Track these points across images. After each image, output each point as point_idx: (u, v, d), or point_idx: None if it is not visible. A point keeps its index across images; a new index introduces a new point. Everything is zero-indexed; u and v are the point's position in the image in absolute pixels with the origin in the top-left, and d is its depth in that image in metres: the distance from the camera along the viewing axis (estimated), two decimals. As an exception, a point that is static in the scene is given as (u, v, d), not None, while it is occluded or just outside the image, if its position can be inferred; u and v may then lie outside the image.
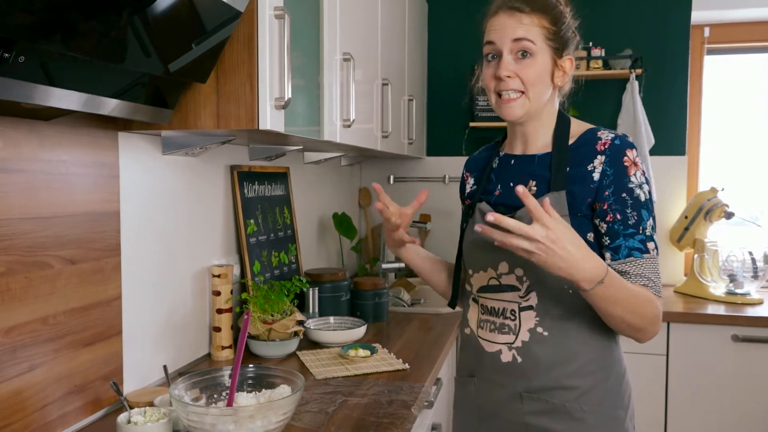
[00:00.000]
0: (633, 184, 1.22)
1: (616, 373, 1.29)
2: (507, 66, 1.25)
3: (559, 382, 1.25)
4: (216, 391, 1.36)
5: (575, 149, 1.27)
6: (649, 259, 1.21)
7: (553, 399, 1.25)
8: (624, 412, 1.28)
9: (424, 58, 3.21)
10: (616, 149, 1.23)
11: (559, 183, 1.26)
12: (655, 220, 1.24)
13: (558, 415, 1.25)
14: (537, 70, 1.25)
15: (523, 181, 1.32)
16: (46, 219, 1.26)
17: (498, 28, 1.27)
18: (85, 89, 1.12)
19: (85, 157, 1.36)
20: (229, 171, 1.99)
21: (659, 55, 3.03)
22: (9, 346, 1.18)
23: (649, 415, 2.62)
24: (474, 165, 1.47)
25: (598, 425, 1.25)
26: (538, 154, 1.32)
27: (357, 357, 1.83)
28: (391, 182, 3.35)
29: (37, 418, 1.25)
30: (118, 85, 1.19)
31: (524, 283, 1.27)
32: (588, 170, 1.24)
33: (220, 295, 1.82)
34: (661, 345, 2.59)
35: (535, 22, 1.25)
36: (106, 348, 1.45)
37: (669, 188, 3.07)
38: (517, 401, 1.28)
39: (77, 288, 1.35)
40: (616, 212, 1.22)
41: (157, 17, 1.12)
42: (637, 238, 1.21)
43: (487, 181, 1.39)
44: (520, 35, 1.24)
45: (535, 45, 1.24)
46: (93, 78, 1.12)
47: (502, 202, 1.34)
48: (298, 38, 1.58)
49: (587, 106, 3.10)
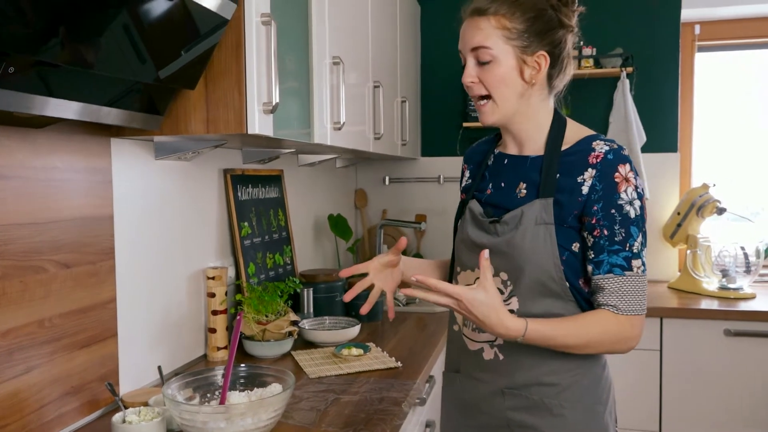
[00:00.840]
0: (623, 201, 1.20)
1: (595, 370, 1.30)
2: (469, 73, 1.27)
3: (538, 379, 1.27)
4: (209, 391, 1.39)
5: (567, 156, 1.25)
6: (632, 276, 1.21)
7: (533, 395, 1.27)
8: (603, 407, 1.29)
9: (417, 59, 3.24)
10: (608, 164, 1.20)
11: (547, 190, 1.24)
12: (645, 237, 1.23)
13: (538, 410, 1.27)
14: (498, 73, 1.24)
15: (514, 182, 1.32)
16: (40, 224, 1.29)
17: (461, 36, 1.29)
18: (76, 98, 1.15)
19: (78, 163, 1.40)
20: (222, 174, 2.02)
21: (650, 53, 3.06)
22: (5, 348, 1.21)
23: (644, 409, 2.64)
24: (472, 158, 1.47)
25: (577, 420, 1.27)
26: (531, 156, 1.31)
27: (350, 356, 1.86)
28: (386, 183, 3.38)
29: (35, 419, 1.28)
30: (109, 93, 1.22)
31: (508, 287, 1.28)
32: (578, 182, 1.22)
33: (214, 296, 1.85)
34: (655, 340, 2.62)
35: (493, 24, 1.23)
36: (102, 350, 1.48)
37: (661, 185, 3.10)
38: (498, 397, 1.31)
39: (72, 291, 1.38)
40: (603, 228, 1.21)
41: (147, 26, 1.15)
42: (621, 255, 1.20)
43: (481, 178, 1.39)
44: (475, 44, 1.24)
45: (492, 50, 1.23)
46: (85, 87, 1.15)
47: (492, 201, 1.34)
48: (286, 43, 1.61)
49: (579, 104, 3.14)
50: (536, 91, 1.28)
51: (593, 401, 1.28)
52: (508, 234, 1.26)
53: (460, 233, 1.39)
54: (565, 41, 1.28)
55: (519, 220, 1.25)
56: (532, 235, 1.23)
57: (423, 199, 3.37)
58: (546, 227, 1.23)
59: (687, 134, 3.22)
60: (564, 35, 1.27)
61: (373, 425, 1.38)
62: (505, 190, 1.32)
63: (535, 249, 1.23)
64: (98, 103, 1.21)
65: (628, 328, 1.21)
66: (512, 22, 1.23)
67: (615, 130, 3.03)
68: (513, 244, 1.24)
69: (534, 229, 1.23)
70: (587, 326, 1.21)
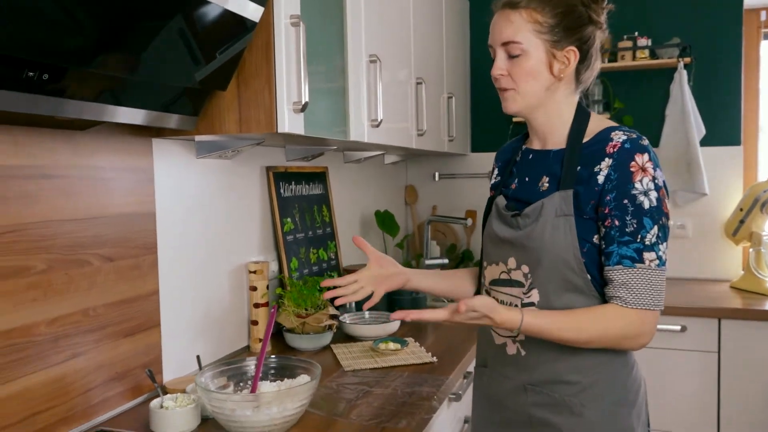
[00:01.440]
0: (637, 191, 1.18)
1: (621, 369, 1.27)
2: (499, 66, 1.28)
3: (560, 377, 1.26)
4: (242, 380, 1.45)
5: (588, 147, 1.25)
6: (642, 269, 1.18)
7: (553, 393, 1.26)
8: (628, 409, 1.26)
9: (466, 55, 3.23)
10: (625, 153, 1.20)
11: (567, 182, 1.24)
12: (663, 231, 1.19)
13: (558, 408, 1.26)
14: (526, 67, 1.25)
15: (538, 176, 1.32)
16: (84, 220, 1.38)
17: (492, 29, 1.30)
18: (115, 102, 1.23)
19: (120, 163, 1.48)
20: (265, 172, 2.09)
21: (710, 43, 2.93)
22: (52, 335, 1.31)
23: (701, 414, 2.54)
24: (501, 157, 1.48)
25: (597, 420, 1.24)
26: (553, 150, 1.31)
27: (387, 350, 1.88)
28: (436, 179, 3.38)
29: (81, 402, 1.37)
30: (147, 96, 1.29)
31: (528, 279, 1.28)
32: (594, 171, 1.22)
33: (256, 290, 1.91)
34: (713, 342, 2.51)
35: (524, 17, 1.24)
36: (146, 339, 1.56)
37: (723, 180, 2.96)
38: (521, 393, 1.30)
39: (116, 283, 1.47)
40: (614, 218, 1.19)
41: (186, 32, 1.22)
42: (632, 247, 1.18)
43: (509, 174, 1.41)
44: (506, 38, 1.25)
45: (522, 44, 1.24)
46: (123, 91, 1.23)
47: (516, 196, 1.35)
48: (320, 43, 1.65)
49: (635, 96, 3.05)
50: (563, 86, 1.29)
51: (616, 402, 1.25)
52: (528, 227, 1.26)
53: (486, 228, 1.40)
54: (594, 37, 1.28)
55: (539, 212, 1.25)
56: (552, 227, 1.23)
57: (473, 195, 3.35)
58: (566, 219, 1.22)
59: (752, 126, 3.06)
60: (593, 31, 1.28)
61: (400, 418, 1.40)
62: (528, 184, 1.33)
63: (555, 241, 1.22)
64: (137, 107, 1.28)
65: (638, 323, 1.18)
66: (543, 16, 1.24)
67: (672, 123, 2.92)
68: (533, 237, 1.24)
69: (554, 221, 1.23)
70: (590, 321, 1.19)
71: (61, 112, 1.11)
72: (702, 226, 3.01)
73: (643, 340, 1.21)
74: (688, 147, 2.88)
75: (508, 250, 1.32)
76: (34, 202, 1.27)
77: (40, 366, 1.28)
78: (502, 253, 1.34)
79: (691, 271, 3.02)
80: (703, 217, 3.00)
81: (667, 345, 2.55)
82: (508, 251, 1.32)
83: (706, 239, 3.01)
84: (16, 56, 0.96)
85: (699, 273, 3.02)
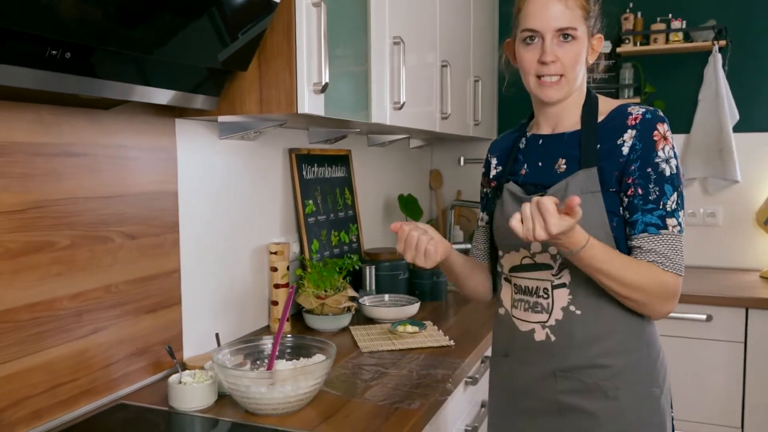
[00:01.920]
0: (660, 159, 1.21)
1: (651, 352, 1.27)
2: (552, 51, 1.24)
3: (592, 361, 1.25)
4: (259, 358, 1.47)
5: (604, 125, 1.27)
6: (667, 235, 1.20)
7: (586, 378, 1.25)
8: (659, 390, 1.26)
9: (494, 36, 3.18)
10: (647, 123, 1.22)
11: (589, 160, 1.25)
12: (681, 198, 1.22)
13: (591, 393, 1.25)
14: (578, 53, 1.25)
15: (552, 160, 1.31)
16: (107, 198, 1.41)
17: (542, 12, 1.24)
18: (138, 81, 1.24)
19: (143, 142, 1.50)
20: (287, 154, 2.10)
21: (746, 26, 2.84)
22: (75, 310, 1.34)
23: (726, 405, 2.50)
24: (497, 147, 1.48)
25: (632, 403, 1.24)
26: (567, 132, 1.31)
27: (405, 332, 1.89)
28: (461, 164, 3.35)
29: (102, 375, 1.41)
30: (169, 76, 1.31)
31: (557, 261, 1.27)
32: (617, 144, 1.24)
33: (277, 271, 1.93)
34: (740, 332, 2.46)
35: (577, 3, 1.24)
36: (167, 316, 1.59)
37: (757, 167, 2.88)
38: (550, 380, 1.29)
39: (138, 260, 1.50)
40: (638, 186, 1.21)
41: (211, 12, 1.23)
42: (656, 214, 1.20)
43: (514, 161, 1.39)
44: (563, 24, 1.23)
45: (577, 30, 1.24)
46: (146, 71, 1.24)
47: (530, 181, 1.34)
48: (343, 24, 1.64)
49: (666, 81, 2.98)
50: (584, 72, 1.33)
51: (649, 384, 1.25)
52: None
53: (499, 217, 1.38)
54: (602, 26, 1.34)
55: (564, 191, 1.25)
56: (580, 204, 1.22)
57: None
58: (593, 195, 1.23)
59: (789, 112, 2.96)
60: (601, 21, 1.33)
61: (413, 399, 1.40)
62: (543, 168, 1.32)
63: (585, 217, 1.21)
64: (160, 86, 1.30)
65: (674, 287, 1.20)
66: (587, 3, 1.26)
67: (705, 108, 2.85)
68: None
69: (582, 199, 1.21)
70: (638, 267, 1.19)
71: (86, 91, 1.13)
72: (733, 215, 2.94)
73: (672, 306, 1.22)
74: (720, 133, 2.81)
75: None
76: (59, 179, 1.29)
77: (63, 339, 1.31)
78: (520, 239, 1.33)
79: (720, 260, 2.96)
80: (734, 205, 2.93)
81: (693, 334, 2.51)
82: None
83: (736, 228, 2.94)
84: (39, 34, 0.98)
85: (728, 262, 2.96)
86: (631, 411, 1.24)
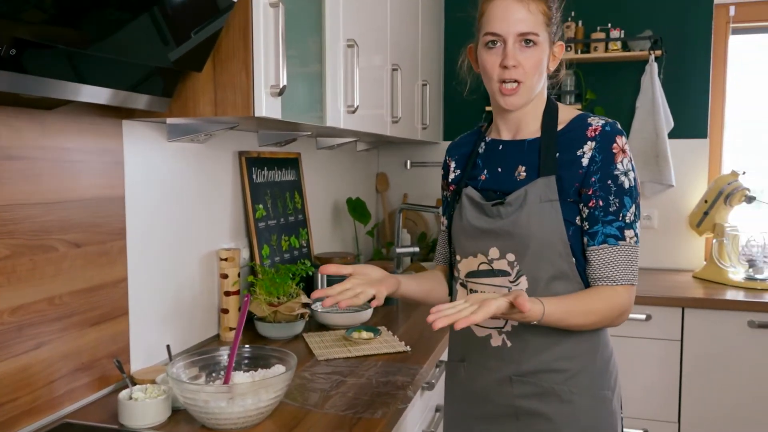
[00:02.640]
0: (619, 171, 1.23)
1: (603, 355, 1.30)
2: (514, 55, 1.23)
3: (547, 365, 1.27)
4: (214, 370, 1.42)
5: (564, 134, 1.28)
6: (625, 246, 1.23)
7: (541, 382, 1.27)
8: (611, 393, 1.29)
9: (440, 42, 3.21)
10: (607, 135, 1.24)
11: (548, 168, 1.26)
12: (638, 209, 1.26)
13: (547, 397, 1.27)
14: (538, 59, 1.25)
15: (512, 166, 1.32)
16: (50, 204, 1.32)
17: (503, 15, 1.23)
18: (87, 81, 1.17)
19: (89, 145, 1.42)
20: (237, 157, 2.04)
21: (680, 36, 2.97)
22: (15, 324, 1.25)
23: (663, 400, 2.60)
24: (456, 151, 1.46)
25: (586, 406, 1.26)
26: (527, 140, 1.32)
27: (360, 339, 1.87)
28: (408, 167, 3.36)
29: (45, 393, 1.32)
30: (119, 76, 1.23)
31: (515, 267, 1.28)
32: (577, 155, 1.25)
33: (227, 278, 1.87)
34: (676, 330, 2.57)
35: (539, 9, 1.23)
36: (113, 327, 1.51)
37: (690, 172, 3.02)
38: (506, 385, 1.30)
39: (83, 270, 1.41)
40: (599, 198, 1.23)
41: (159, 9, 1.16)
42: (615, 225, 1.23)
43: (473, 166, 1.39)
44: (525, 29, 1.22)
45: (539, 36, 1.23)
46: (94, 70, 1.17)
47: (490, 187, 1.34)
48: (299, 26, 1.60)
49: (605, 88, 3.08)
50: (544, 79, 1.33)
51: (602, 387, 1.28)
52: (512, 215, 1.26)
53: (458, 222, 1.37)
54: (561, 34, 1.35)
55: (523, 199, 1.25)
56: (538, 212, 1.24)
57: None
58: (551, 204, 1.25)
59: (718, 120, 3.11)
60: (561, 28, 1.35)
61: (376, 408, 1.38)
62: (502, 174, 1.33)
63: (542, 226, 1.24)
64: (107, 86, 1.22)
65: (626, 298, 1.24)
66: (548, 9, 1.26)
67: (642, 115, 2.96)
68: (519, 224, 1.24)
69: (539, 207, 1.24)
70: (594, 302, 1.23)
71: (20, 89, 1.05)
72: (667, 217, 3.07)
73: (625, 317, 1.27)
74: (656, 139, 2.92)
75: (489, 240, 1.31)
76: (-2, 184, 1.21)
77: (4, 356, 1.22)
78: (480, 244, 1.33)
79: (657, 261, 3.08)
80: (669, 208, 3.06)
81: (633, 333, 2.60)
82: (489, 241, 1.31)
83: (671, 230, 3.07)
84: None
85: (664, 263, 3.08)
86: (585, 414, 1.26)
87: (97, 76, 1.19)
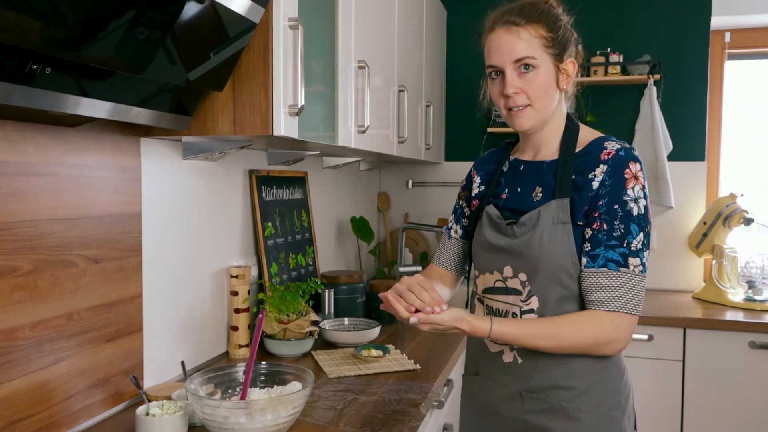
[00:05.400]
0: (628, 197, 1.22)
1: (614, 374, 1.31)
2: (512, 83, 1.27)
3: (555, 382, 1.28)
4: (230, 387, 1.42)
5: (581, 157, 1.29)
6: (627, 274, 1.22)
7: (550, 398, 1.28)
8: (621, 412, 1.30)
9: (442, 64, 3.25)
10: (620, 160, 1.24)
11: (563, 190, 1.28)
12: (648, 238, 1.24)
13: (555, 414, 1.28)
14: (541, 82, 1.27)
15: (531, 187, 1.34)
16: (71, 220, 1.33)
17: (497, 47, 1.29)
18: (109, 98, 1.18)
19: (109, 162, 1.44)
20: (247, 175, 2.06)
21: (678, 61, 3.03)
22: (36, 339, 1.25)
23: (665, 420, 2.61)
24: (483, 167, 1.49)
25: (593, 425, 1.27)
26: (546, 161, 1.34)
27: (369, 357, 1.87)
28: (409, 186, 3.40)
29: (61, 409, 1.32)
30: (140, 94, 1.25)
31: (526, 287, 1.30)
32: (589, 178, 1.26)
33: (237, 295, 1.88)
34: (677, 351, 2.59)
35: (532, 33, 1.26)
36: (128, 344, 1.52)
37: (688, 194, 3.06)
38: (517, 400, 1.32)
39: (100, 286, 1.42)
40: (603, 222, 1.23)
41: (178, 29, 1.18)
42: (618, 251, 1.22)
43: (497, 184, 1.42)
44: (519, 55, 1.26)
45: (536, 59, 1.26)
46: (117, 88, 1.18)
47: (508, 206, 1.37)
48: (313, 47, 1.63)
49: (605, 111, 3.13)
50: (561, 98, 1.34)
51: (611, 406, 1.28)
52: (525, 235, 1.28)
53: (477, 237, 1.40)
54: (577, 49, 1.34)
55: (536, 220, 1.27)
56: (550, 234, 1.25)
57: (445, 204, 3.37)
58: (563, 227, 1.26)
59: (715, 143, 3.18)
60: (576, 43, 1.35)
61: (391, 426, 1.39)
62: (521, 194, 1.35)
63: (553, 248, 1.25)
64: (129, 103, 1.24)
65: (610, 329, 1.22)
66: (545, 31, 1.28)
67: (641, 137, 3.01)
68: (530, 245, 1.26)
69: (551, 229, 1.25)
70: (561, 328, 1.23)
71: (55, 107, 1.06)
72: (667, 239, 3.10)
73: (618, 346, 1.24)
74: (656, 161, 2.97)
75: (504, 258, 1.33)
76: (23, 200, 1.22)
77: (23, 371, 1.22)
78: (496, 261, 1.35)
79: (656, 282, 3.11)
80: (668, 229, 3.09)
81: (635, 354, 2.61)
82: (504, 259, 1.33)
83: (670, 251, 3.10)
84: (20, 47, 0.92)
85: (663, 284, 3.11)
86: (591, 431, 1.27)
87: (122, 95, 1.21)
